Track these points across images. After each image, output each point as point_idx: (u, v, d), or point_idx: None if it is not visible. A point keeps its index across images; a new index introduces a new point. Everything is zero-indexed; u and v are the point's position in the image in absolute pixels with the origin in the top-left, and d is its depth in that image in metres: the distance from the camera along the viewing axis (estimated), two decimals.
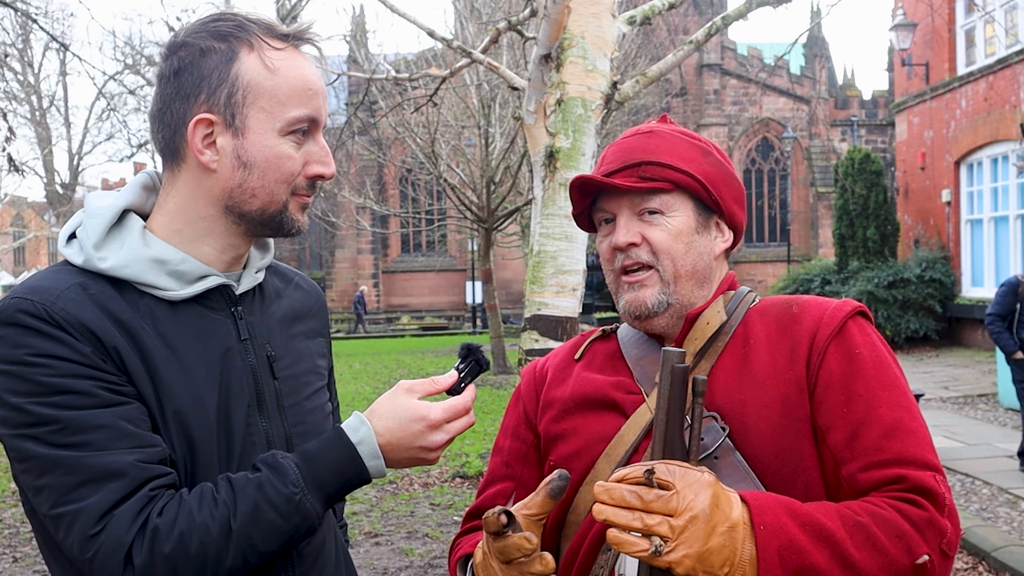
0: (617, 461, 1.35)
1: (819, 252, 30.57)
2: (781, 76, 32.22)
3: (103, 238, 1.25)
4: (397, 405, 1.28)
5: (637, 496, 1.07)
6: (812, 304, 1.37)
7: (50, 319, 1.16)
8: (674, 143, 1.40)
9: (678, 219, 1.38)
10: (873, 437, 1.23)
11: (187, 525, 1.14)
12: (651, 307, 1.38)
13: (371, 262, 33.67)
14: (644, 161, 1.38)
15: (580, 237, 3.59)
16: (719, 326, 1.38)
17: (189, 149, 1.27)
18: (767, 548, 1.09)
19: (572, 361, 1.51)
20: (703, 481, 1.09)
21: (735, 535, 1.09)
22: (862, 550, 1.13)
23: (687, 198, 1.39)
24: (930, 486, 1.19)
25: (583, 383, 1.45)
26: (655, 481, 1.08)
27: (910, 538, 1.15)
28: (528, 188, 13.69)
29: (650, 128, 1.44)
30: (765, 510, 1.12)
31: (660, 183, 1.37)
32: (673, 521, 1.06)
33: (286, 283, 1.48)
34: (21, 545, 6.11)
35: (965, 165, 16.33)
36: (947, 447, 7.98)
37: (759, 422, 1.28)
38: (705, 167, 1.40)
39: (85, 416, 1.15)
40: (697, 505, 1.07)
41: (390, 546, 5.91)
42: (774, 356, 1.33)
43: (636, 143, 1.41)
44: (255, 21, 1.28)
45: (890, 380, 1.29)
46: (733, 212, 1.43)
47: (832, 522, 1.14)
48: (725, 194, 1.41)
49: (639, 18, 3.90)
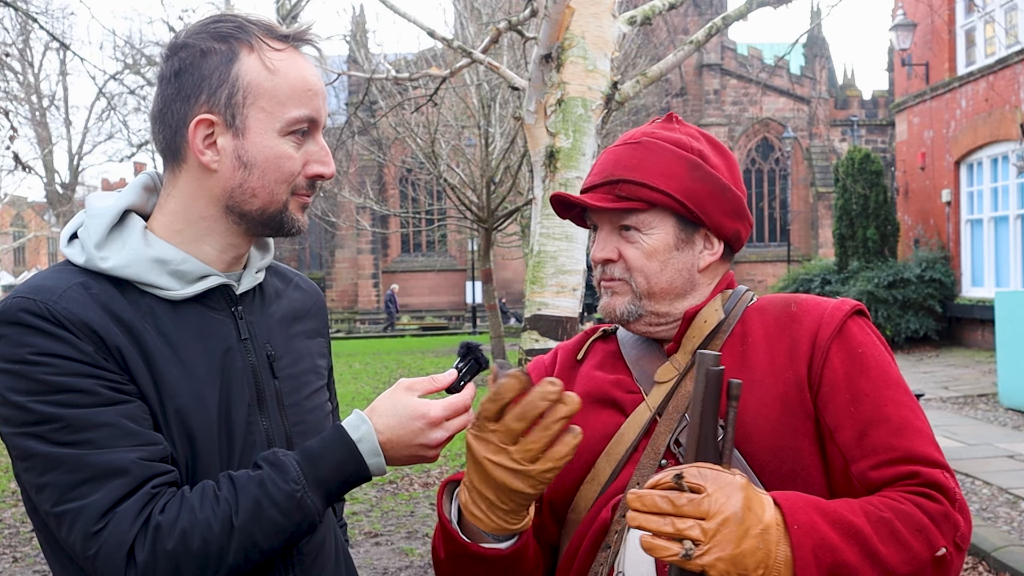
0: (617, 460, 1.35)
1: (819, 252, 30.59)
2: (781, 76, 32.22)
3: (104, 238, 1.26)
4: (397, 403, 1.29)
5: (668, 501, 1.07)
6: (811, 303, 1.37)
7: (52, 318, 1.17)
8: (659, 158, 1.37)
9: (655, 237, 1.37)
10: (882, 435, 1.25)
11: (189, 522, 1.15)
12: (620, 314, 1.40)
13: (371, 262, 33.68)
14: (621, 179, 1.37)
15: (580, 237, 3.59)
16: (716, 324, 1.39)
17: (190, 149, 1.27)
18: (802, 547, 1.10)
19: (575, 361, 1.52)
20: (735, 484, 1.09)
21: (768, 537, 1.09)
22: (888, 545, 1.14)
23: (667, 215, 1.37)
24: (941, 481, 1.21)
25: (585, 382, 1.45)
26: (686, 485, 1.08)
27: (929, 531, 1.16)
28: (528, 188, 13.69)
29: (640, 137, 1.42)
30: (797, 510, 1.13)
31: (634, 203, 1.36)
32: (705, 524, 1.06)
33: (286, 283, 1.49)
34: (21, 545, 6.11)
35: (965, 165, 16.33)
36: (947, 447, 7.97)
37: (758, 420, 1.29)
38: (687, 183, 1.36)
39: (87, 414, 1.15)
40: (729, 508, 1.07)
41: (390, 546, 5.91)
42: (772, 355, 1.33)
43: (621, 156, 1.40)
44: (255, 22, 1.29)
45: (894, 378, 1.30)
46: (722, 224, 1.40)
47: (858, 518, 1.15)
48: (711, 208, 1.38)
49: (639, 18, 3.90)
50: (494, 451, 1.15)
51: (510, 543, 1.26)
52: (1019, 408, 9.61)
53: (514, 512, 1.20)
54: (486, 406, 1.14)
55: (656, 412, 1.36)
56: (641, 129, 1.45)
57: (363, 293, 33.88)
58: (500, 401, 1.13)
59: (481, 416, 1.15)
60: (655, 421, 1.36)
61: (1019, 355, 9.59)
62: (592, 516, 1.35)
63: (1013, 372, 9.72)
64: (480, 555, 1.25)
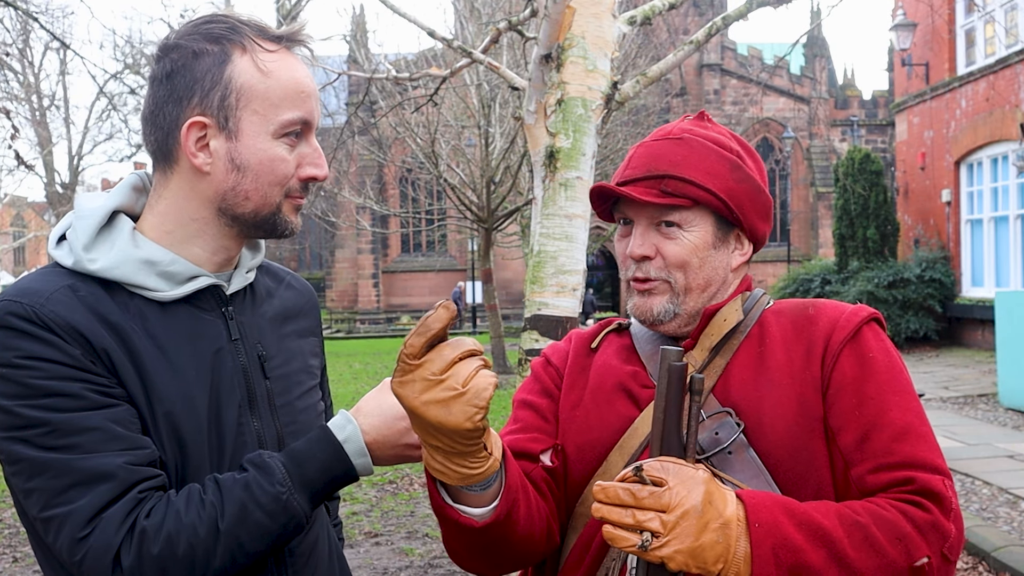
0: (631, 454, 1.35)
1: (819, 252, 30.60)
2: (781, 76, 32.22)
3: (93, 239, 1.25)
4: (383, 402, 1.28)
5: (630, 493, 1.09)
6: (828, 307, 1.38)
7: (39, 321, 1.16)
8: (702, 155, 1.36)
9: (695, 234, 1.36)
10: (883, 440, 1.24)
11: (175, 526, 1.15)
12: (656, 315, 1.38)
13: (371, 262, 33.68)
14: (667, 175, 1.35)
15: (580, 237, 3.58)
16: (736, 323, 1.38)
17: (182, 152, 1.26)
18: (761, 545, 1.10)
19: (590, 350, 1.50)
20: (696, 478, 1.10)
21: (728, 532, 1.09)
22: (859, 550, 1.13)
23: (707, 213, 1.37)
24: (937, 489, 1.20)
25: (600, 373, 1.44)
26: (647, 478, 1.09)
27: (910, 540, 1.15)
28: (528, 188, 13.69)
29: (681, 133, 1.40)
30: (761, 508, 1.13)
31: (680, 199, 1.34)
32: (665, 516, 1.07)
33: (277, 282, 1.48)
34: (21, 545, 6.10)
35: (965, 165, 16.32)
36: (947, 447, 7.97)
37: (775, 420, 1.29)
38: (730, 184, 1.36)
39: (74, 419, 1.15)
40: (689, 501, 1.08)
41: (390, 546, 5.90)
42: (790, 356, 1.33)
43: (664, 150, 1.38)
44: (247, 23, 1.28)
45: (901, 385, 1.30)
46: (755, 226, 1.40)
47: (829, 521, 1.15)
48: (748, 210, 1.38)
49: (639, 18, 3.89)
50: (421, 389, 1.07)
51: (484, 511, 1.20)
52: (1019, 408, 9.60)
53: (470, 454, 1.12)
54: (411, 341, 1.06)
55: None
56: (678, 125, 1.43)
57: (363, 293, 33.87)
58: (427, 334, 1.06)
59: (404, 356, 1.07)
60: None
61: (1019, 355, 9.58)
62: None
63: (1013, 372, 9.72)
64: (454, 520, 1.20)
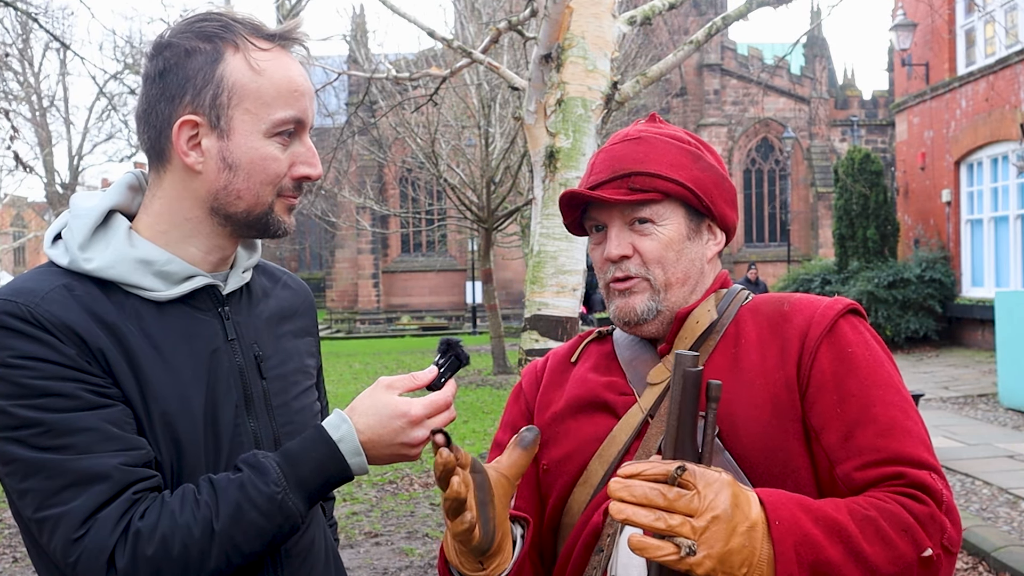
0: (609, 462, 1.34)
1: (819, 252, 30.57)
2: (781, 76, 32.21)
3: (88, 239, 1.24)
4: (377, 402, 1.27)
5: (661, 495, 1.02)
6: (803, 302, 1.35)
7: (34, 321, 1.16)
8: (663, 150, 1.38)
9: (669, 228, 1.37)
10: (868, 436, 1.22)
11: (169, 527, 1.14)
12: (640, 313, 1.37)
13: (371, 262, 33.65)
14: (633, 171, 1.36)
15: (580, 237, 3.58)
16: (708, 325, 1.37)
17: (174, 150, 1.26)
18: (783, 543, 1.08)
19: (569, 364, 1.50)
20: (722, 481, 1.07)
21: (755, 535, 1.07)
22: (873, 544, 1.12)
23: (678, 206, 1.37)
24: (928, 483, 1.19)
25: (577, 385, 1.44)
26: (678, 480, 1.04)
27: (915, 531, 1.15)
28: (528, 188, 13.68)
29: (639, 134, 1.42)
30: (779, 506, 1.11)
31: (650, 194, 1.35)
32: (695, 522, 1.03)
33: (273, 282, 1.47)
34: (21, 545, 6.10)
35: (965, 165, 16.31)
36: (947, 447, 7.96)
37: (749, 422, 1.27)
38: (695, 173, 1.37)
39: (69, 419, 1.14)
40: (719, 505, 1.04)
41: (390, 546, 5.90)
42: (764, 355, 1.32)
43: (625, 151, 1.39)
44: (241, 21, 1.27)
45: (884, 379, 1.27)
46: (725, 214, 1.41)
47: (843, 516, 1.13)
48: (716, 197, 1.39)
49: (639, 18, 3.89)
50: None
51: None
52: (1019, 408, 9.60)
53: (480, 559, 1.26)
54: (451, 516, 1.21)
55: (648, 414, 1.35)
56: (633, 128, 1.45)
57: (363, 293, 33.84)
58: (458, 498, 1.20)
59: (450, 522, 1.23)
60: (647, 423, 1.35)
61: (1019, 355, 9.57)
62: (584, 519, 1.34)
63: (1013, 372, 9.71)
64: None
